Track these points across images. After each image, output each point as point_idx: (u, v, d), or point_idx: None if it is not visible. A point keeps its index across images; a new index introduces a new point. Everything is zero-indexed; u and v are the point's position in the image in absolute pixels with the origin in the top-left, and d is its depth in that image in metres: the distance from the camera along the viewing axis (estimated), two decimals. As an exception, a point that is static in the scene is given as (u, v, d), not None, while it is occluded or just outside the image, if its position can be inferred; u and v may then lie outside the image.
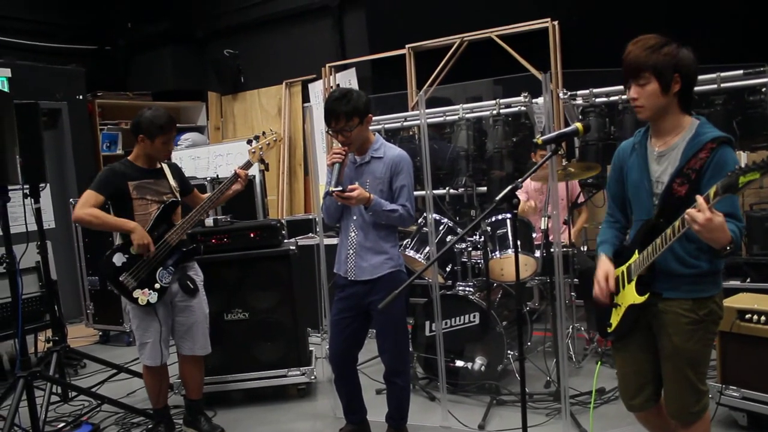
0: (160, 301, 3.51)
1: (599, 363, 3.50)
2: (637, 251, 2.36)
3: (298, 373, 4.24)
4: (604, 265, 2.47)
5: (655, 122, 2.35)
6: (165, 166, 3.67)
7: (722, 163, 2.19)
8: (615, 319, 2.47)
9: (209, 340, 3.73)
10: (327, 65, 7.61)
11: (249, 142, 3.78)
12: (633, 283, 2.38)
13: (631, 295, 2.38)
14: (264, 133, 3.79)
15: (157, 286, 3.49)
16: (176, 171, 3.75)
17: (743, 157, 4.56)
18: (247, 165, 3.72)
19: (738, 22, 5.43)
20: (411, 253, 4.36)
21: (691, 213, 2.02)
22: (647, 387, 2.47)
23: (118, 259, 3.48)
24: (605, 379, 4.06)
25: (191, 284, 3.61)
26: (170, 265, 3.54)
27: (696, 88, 4.29)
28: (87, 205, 3.42)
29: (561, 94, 5.00)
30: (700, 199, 2.01)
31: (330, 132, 3.22)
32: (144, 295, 3.47)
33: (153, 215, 3.51)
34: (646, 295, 2.32)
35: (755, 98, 4.31)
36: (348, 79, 7.48)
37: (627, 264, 2.42)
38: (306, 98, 8.07)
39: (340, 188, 3.08)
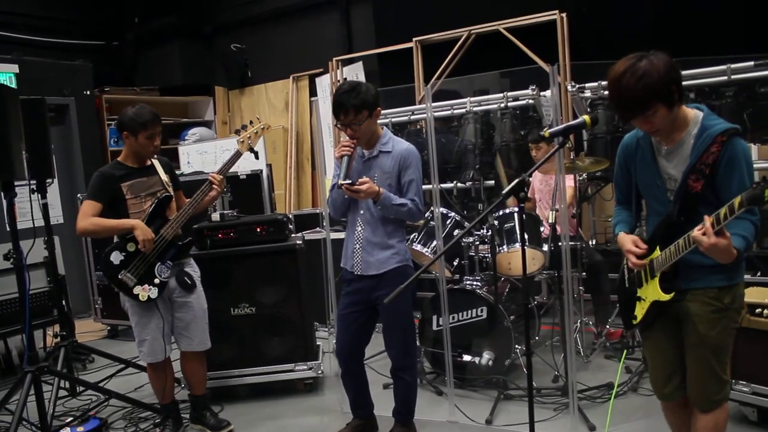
0: (160, 296, 3.51)
1: (622, 360, 3.51)
2: (658, 248, 2.35)
3: (305, 367, 4.24)
4: (629, 237, 2.45)
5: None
6: (156, 162, 3.66)
7: (734, 156, 2.19)
8: (640, 312, 2.49)
9: (208, 335, 3.73)
10: (334, 59, 7.58)
11: (237, 132, 3.77)
12: (656, 279, 2.37)
13: (655, 292, 2.38)
14: (251, 122, 3.77)
15: (156, 281, 3.50)
16: (167, 166, 3.74)
17: (754, 150, 4.51)
18: (237, 155, 3.69)
19: (743, 12, 5.37)
20: (418, 247, 4.34)
21: (696, 236, 2.07)
22: (675, 376, 2.49)
23: (116, 257, 3.48)
24: (613, 373, 4.03)
25: (189, 280, 3.61)
26: (168, 259, 3.54)
27: (706, 80, 4.33)
28: (87, 216, 3.45)
29: (569, 87, 4.96)
30: (707, 221, 2.05)
31: (338, 125, 3.18)
32: (144, 291, 3.48)
33: (147, 211, 3.51)
34: (671, 294, 2.33)
35: (766, 90, 4.25)
36: (355, 73, 7.45)
37: (648, 258, 2.40)
38: (313, 92, 8.06)
39: (349, 181, 3.06)
